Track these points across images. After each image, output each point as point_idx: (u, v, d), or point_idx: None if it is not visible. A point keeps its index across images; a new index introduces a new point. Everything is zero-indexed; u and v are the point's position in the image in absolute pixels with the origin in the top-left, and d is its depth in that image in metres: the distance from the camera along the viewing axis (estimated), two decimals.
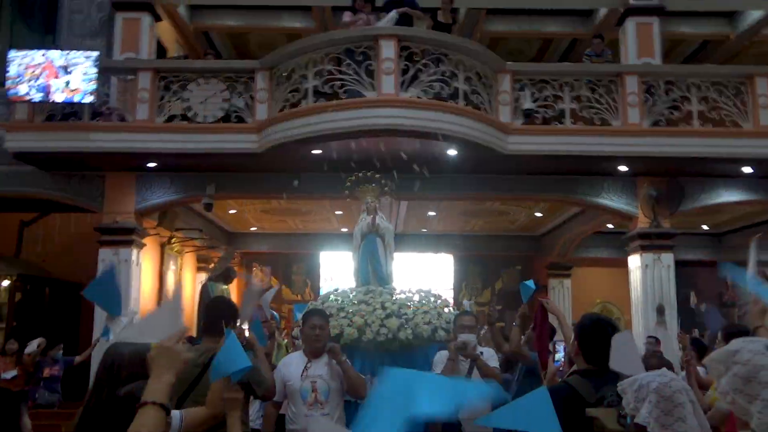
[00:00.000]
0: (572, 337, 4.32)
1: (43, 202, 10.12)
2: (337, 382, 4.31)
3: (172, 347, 1.90)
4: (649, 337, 7.93)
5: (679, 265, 13.50)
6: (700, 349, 6.10)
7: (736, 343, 2.05)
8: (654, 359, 5.79)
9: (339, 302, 6.34)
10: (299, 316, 6.37)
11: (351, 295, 6.50)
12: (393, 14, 8.41)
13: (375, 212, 7.13)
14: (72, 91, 8.62)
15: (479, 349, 4.78)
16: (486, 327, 7.06)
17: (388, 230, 7.21)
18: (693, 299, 14.70)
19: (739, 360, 1.98)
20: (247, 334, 6.17)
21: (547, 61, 13.10)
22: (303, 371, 4.29)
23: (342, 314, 5.93)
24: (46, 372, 8.70)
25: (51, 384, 8.86)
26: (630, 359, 2.67)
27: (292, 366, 4.37)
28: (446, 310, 6.43)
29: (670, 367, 4.77)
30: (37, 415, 7.58)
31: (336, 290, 6.91)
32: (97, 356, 8.33)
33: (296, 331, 6.39)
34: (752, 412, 1.91)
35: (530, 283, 5.33)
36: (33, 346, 8.81)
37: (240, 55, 13.00)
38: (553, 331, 5.25)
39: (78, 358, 8.82)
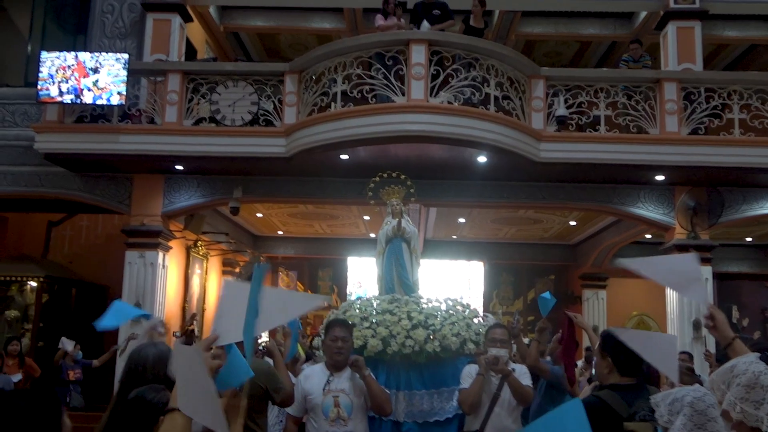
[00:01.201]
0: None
1: (71, 203, 10.49)
2: (360, 398, 4.23)
3: (200, 355, 2.04)
4: (682, 352, 7.97)
5: (721, 277, 13.53)
6: None
7: (731, 361, 2.23)
8: (686, 376, 5.87)
9: (362, 311, 6.19)
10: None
11: (375, 304, 6.36)
12: (426, 25, 8.58)
13: (401, 215, 6.95)
14: (100, 89, 8.95)
15: (511, 364, 4.68)
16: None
17: (414, 235, 7.06)
18: (735, 314, 14.63)
19: (737, 372, 2.15)
20: (265, 339, 6.35)
21: (586, 64, 13.18)
22: (325, 385, 4.22)
23: (365, 324, 5.83)
24: (71, 375, 8.97)
25: (76, 386, 9.14)
26: (668, 359, 2.80)
27: (313, 379, 4.29)
28: (475, 320, 6.30)
29: (701, 384, 4.86)
30: (71, 417, 7.87)
31: (359, 298, 6.82)
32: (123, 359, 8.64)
33: (317, 342, 6.26)
34: (762, 416, 2.06)
35: (548, 295, 5.44)
36: (69, 346, 9.05)
37: (270, 55, 13.31)
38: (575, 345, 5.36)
39: (96, 362, 9.11)
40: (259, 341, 6.16)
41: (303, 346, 7.18)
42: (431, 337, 5.74)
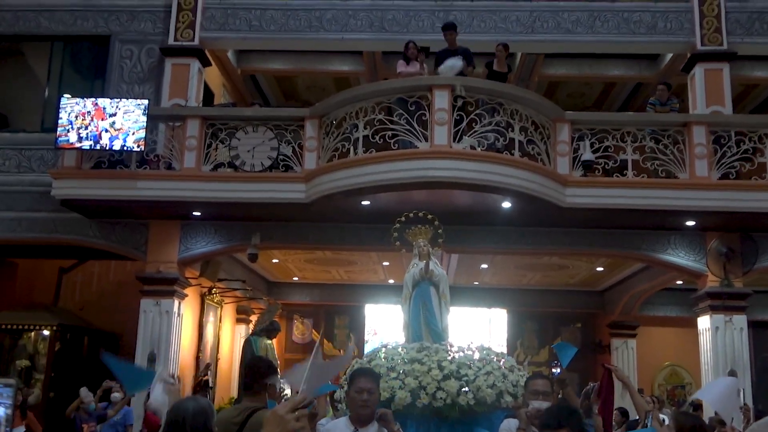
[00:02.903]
0: (643, 405, 4.62)
1: (81, 249, 10.80)
2: None
3: (284, 416, 2.06)
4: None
5: (758, 326, 13.55)
6: None
7: None
8: (717, 424, 5.98)
9: (389, 360, 6.08)
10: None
11: (402, 353, 6.22)
12: (457, 62, 8.86)
13: (428, 257, 6.78)
14: (117, 130, 9.31)
15: None
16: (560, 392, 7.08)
17: (443, 278, 6.93)
18: None
19: None
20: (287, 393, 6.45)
21: (611, 105, 13.47)
22: None
23: (393, 375, 5.73)
24: (86, 429, 9.09)
25: None
26: (726, 401, 3.13)
27: None
28: (513, 371, 6.14)
29: None
30: None
31: (383, 346, 6.64)
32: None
33: (340, 394, 6.18)
34: None
35: (566, 345, 5.54)
36: (88, 398, 9.15)
37: (287, 98, 13.71)
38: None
39: (111, 413, 9.26)
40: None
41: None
42: (464, 388, 5.58)
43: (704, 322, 9.97)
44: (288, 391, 6.59)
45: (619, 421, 8.61)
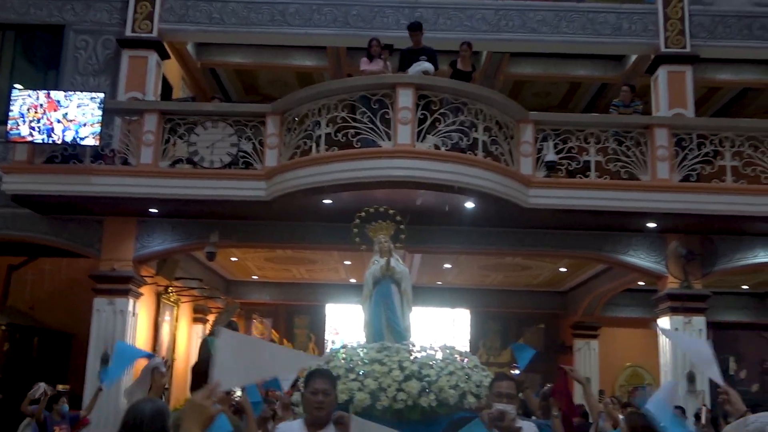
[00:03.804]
0: (597, 406, 4.80)
1: (32, 245, 10.70)
2: None
3: (202, 403, 2.26)
4: (676, 407, 8.32)
5: (717, 327, 13.95)
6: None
7: (747, 416, 2.89)
8: None
9: (348, 361, 5.99)
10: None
11: (362, 353, 6.14)
12: (426, 65, 9.00)
13: (390, 253, 6.70)
14: (70, 121, 9.25)
15: (518, 422, 4.33)
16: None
17: (405, 275, 6.84)
18: (732, 365, 15.05)
19: (748, 423, 2.79)
20: (239, 395, 6.48)
21: (576, 105, 13.75)
22: None
23: (351, 376, 5.68)
24: (57, 430, 9.02)
25: None
26: (665, 407, 3.40)
27: None
28: (476, 371, 6.08)
29: None
30: None
31: (344, 347, 6.51)
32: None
33: (296, 396, 6.03)
34: None
35: (524, 346, 5.67)
36: (39, 390, 9.01)
37: (248, 92, 13.72)
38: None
39: (83, 413, 9.19)
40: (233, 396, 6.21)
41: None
42: (426, 389, 5.54)
43: (664, 323, 10.26)
44: (239, 392, 6.59)
45: (579, 423, 8.84)
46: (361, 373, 5.69)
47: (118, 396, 8.99)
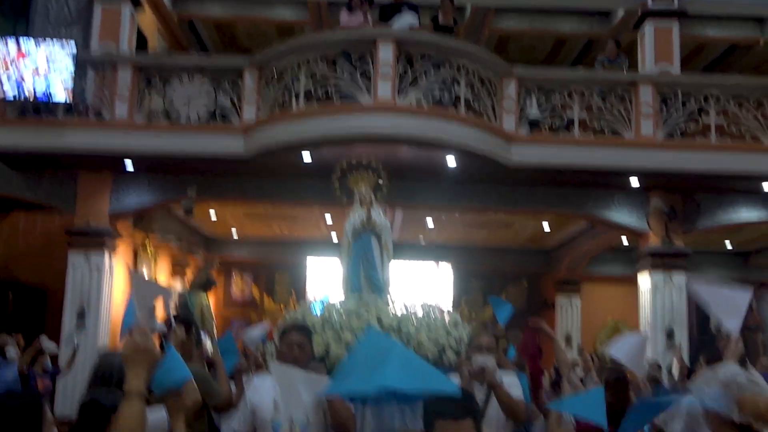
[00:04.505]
0: (566, 360, 4.92)
1: (5, 200, 10.65)
2: (318, 413, 3.80)
3: (146, 345, 2.40)
4: (651, 363, 8.54)
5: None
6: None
7: (714, 368, 2.90)
8: (650, 384, 6.39)
9: (324, 314, 5.94)
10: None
11: (339, 306, 6.10)
12: (413, 20, 8.94)
13: (370, 204, 6.65)
14: (40, 73, 9.16)
15: (499, 375, 4.39)
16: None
17: (386, 228, 6.78)
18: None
19: (718, 372, 2.79)
20: (210, 347, 6.58)
21: (562, 61, 13.72)
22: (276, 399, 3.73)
23: (328, 329, 5.64)
24: (40, 385, 9.13)
25: (45, 398, 9.26)
26: (635, 357, 3.52)
27: (262, 391, 3.83)
28: (456, 327, 6.07)
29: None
30: None
31: (322, 300, 6.48)
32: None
33: (271, 348, 6.03)
34: (734, 409, 2.63)
35: (501, 301, 5.73)
36: (50, 345, 9.08)
37: (227, 45, 13.57)
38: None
39: (64, 367, 9.31)
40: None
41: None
42: (405, 344, 5.41)
43: (644, 280, 10.44)
44: (209, 343, 6.65)
45: (555, 379, 9.05)
46: (338, 326, 5.64)
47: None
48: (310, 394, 2.85)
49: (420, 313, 6.10)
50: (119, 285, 11.07)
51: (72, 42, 9.43)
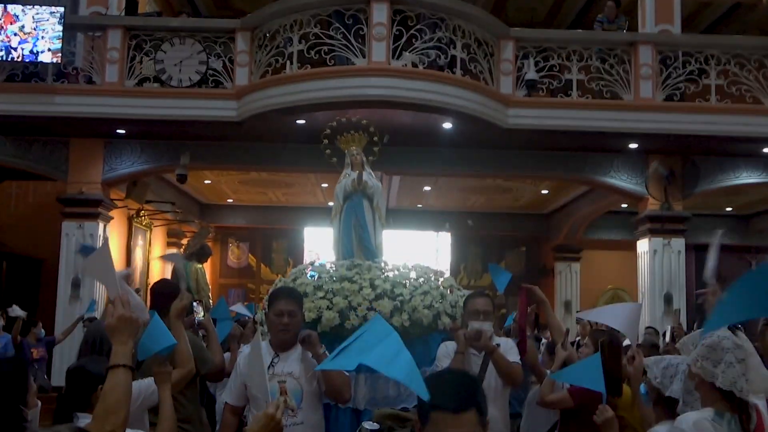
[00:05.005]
0: (559, 326, 4.94)
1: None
2: (312, 382, 3.85)
3: (131, 316, 2.45)
4: (648, 327, 8.61)
5: (700, 249, 14.23)
6: None
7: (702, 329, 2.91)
8: (648, 351, 6.44)
9: (316, 279, 5.81)
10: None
11: (331, 270, 6.00)
12: None
13: (362, 166, 6.47)
14: (27, 34, 9.11)
15: (495, 339, 4.39)
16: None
17: (378, 190, 6.64)
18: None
19: (705, 336, 2.88)
20: (200, 315, 6.61)
21: (561, 23, 13.62)
22: (268, 368, 3.72)
23: (320, 294, 5.53)
24: (35, 353, 9.22)
25: (41, 366, 9.37)
26: (630, 325, 3.62)
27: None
28: (450, 291, 6.00)
29: None
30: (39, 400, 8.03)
31: (312, 264, 6.40)
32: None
33: (260, 315, 5.94)
34: (717, 373, 2.74)
35: (499, 268, 5.72)
36: (19, 312, 9.14)
37: (218, 6, 13.45)
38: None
39: (60, 336, 9.39)
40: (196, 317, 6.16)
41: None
42: (399, 309, 5.44)
43: (643, 245, 10.49)
44: (201, 312, 6.68)
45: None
46: (330, 290, 5.56)
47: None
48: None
49: (414, 276, 5.99)
50: (114, 254, 11.08)
51: (61, 8, 9.33)
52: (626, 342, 4.55)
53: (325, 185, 13.38)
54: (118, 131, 9.90)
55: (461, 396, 2.02)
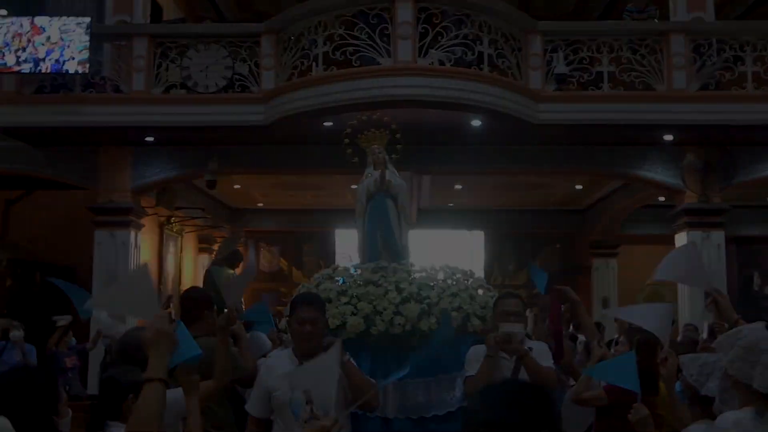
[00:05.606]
0: (591, 326, 4.94)
1: (28, 179, 10.86)
2: (339, 391, 3.65)
3: (169, 331, 2.51)
4: (687, 324, 8.54)
5: (740, 242, 14.06)
6: None
7: (739, 327, 3.02)
8: (687, 348, 6.41)
9: (340, 284, 5.68)
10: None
11: (355, 274, 5.85)
12: None
13: (384, 165, 6.31)
14: (53, 44, 9.28)
15: (528, 342, 4.29)
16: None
17: (402, 188, 6.46)
18: (757, 281, 15.20)
19: (741, 336, 2.86)
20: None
21: (588, 15, 13.53)
22: None
23: (344, 299, 5.40)
24: (68, 362, 9.42)
25: (75, 374, 9.58)
26: (661, 325, 3.58)
27: (278, 370, 3.76)
28: (480, 291, 5.83)
29: None
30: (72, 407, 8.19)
31: (335, 269, 6.12)
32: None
33: (284, 323, 5.85)
34: (754, 375, 2.70)
35: (538, 269, 5.69)
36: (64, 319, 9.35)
37: (242, 10, 13.59)
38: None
39: (90, 345, 9.57)
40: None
41: None
42: (426, 312, 5.31)
43: (682, 239, 10.38)
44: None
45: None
46: (354, 295, 5.42)
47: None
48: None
49: (441, 277, 5.82)
50: (147, 261, 11.29)
51: (87, 18, 9.49)
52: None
53: (354, 186, 13.31)
54: (147, 139, 10.07)
55: (529, 415, 1.65)
